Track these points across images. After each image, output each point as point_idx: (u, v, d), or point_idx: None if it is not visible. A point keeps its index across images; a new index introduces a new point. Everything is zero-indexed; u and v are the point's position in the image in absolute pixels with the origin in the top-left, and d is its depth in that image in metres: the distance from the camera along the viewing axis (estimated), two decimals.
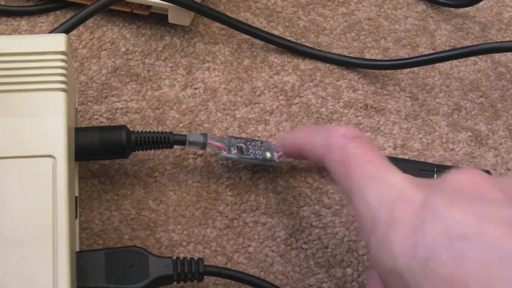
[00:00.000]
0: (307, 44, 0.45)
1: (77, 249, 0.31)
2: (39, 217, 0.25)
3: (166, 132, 0.36)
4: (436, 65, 0.45)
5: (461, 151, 0.40)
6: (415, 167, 0.37)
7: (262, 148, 0.37)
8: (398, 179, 0.23)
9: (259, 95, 0.42)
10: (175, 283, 0.31)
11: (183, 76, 0.42)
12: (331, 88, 0.43)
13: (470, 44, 0.46)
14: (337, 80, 0.43)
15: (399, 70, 0.44)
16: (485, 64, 0.46)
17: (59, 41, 0.30)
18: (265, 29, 0.45)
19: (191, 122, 0.40)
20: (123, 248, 0.30)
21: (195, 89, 0.41)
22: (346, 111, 0.41)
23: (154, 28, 0.45)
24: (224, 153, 0.36)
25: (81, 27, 0.44)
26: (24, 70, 0.29)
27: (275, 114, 0.41)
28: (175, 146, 0.36)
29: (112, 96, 0.40)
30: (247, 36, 0.45)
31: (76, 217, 0.31)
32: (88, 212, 0.35)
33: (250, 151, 0.36)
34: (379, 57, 0.45)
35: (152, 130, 0.38)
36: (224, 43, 0.45)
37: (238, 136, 0.39)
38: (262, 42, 0.45)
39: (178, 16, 0.43)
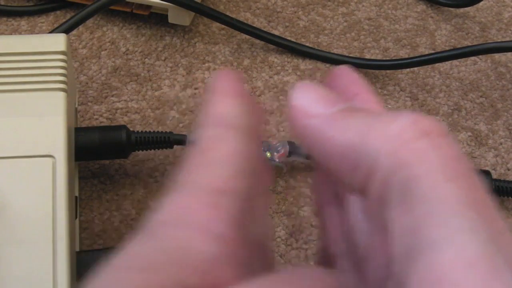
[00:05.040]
0: (307, 44, 0.45)
1: (77, 249, 0.31)
2: (38, 217, 0.25)
3: (166, 132, 0.36)
4: (436, 65, 0.45)
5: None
6: None
7: (262, 148, 0.37)
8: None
9: (259, 95, 0.42)
10: None
11: (183, 76, 0.42)
12: None
13: (470, 44, 0.46)
14: None
15: (399, 70, 0.44)
16: (485, 64, 0.46)
17: (59, 41, 0.30)
18: (265, 29, 0.45)
19: (191, 122, 0.39)
20: None
21: (195, 89, 0.41)
22: None
23: (154, 28, 0.45)
24: None
25: (81, 27, 0.44)
26: (24, 70, 0.29)
27: (275, 114, 0.41)
28: (175, 146, 0.36)
29: (112, 96, 0.40)
30: (247, 36, 0.45)
31: (76, 217, 0.31)
32: (88, 212, 0.35)
33: None
34: (379, 57, 0.45)
35: (152, 130, 0.38)
36: (224, 43, 0.45)
37: None
38: (262, 42, 0.45)
39: (178, 16, 0.43)
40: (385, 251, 0.20)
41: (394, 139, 0.17)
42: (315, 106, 0.19)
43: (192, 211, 0.16)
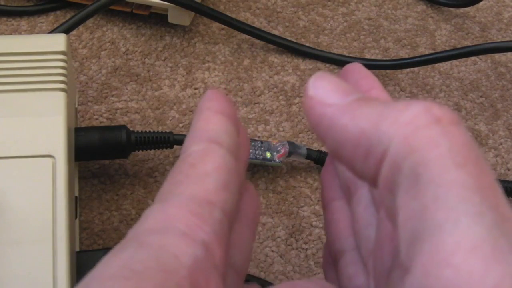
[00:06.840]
0: (307, 44, 0.45)
1: (77, 249, 0.31)
2: (38, 217, 0.25)
3: (166, 132, 0.36)
4: (436, 65, 0.45)
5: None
6: None
7: (262, 148, 0.37)
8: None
9: (259, 95, 0.42)
10: None
11: (183, 76, 0.42)
12: None
13: (470, 44, 0.46)
14: None
15: (399, 70, 0.44)
16: (485, 64, 0.46)
17: (59, 41, 0.30)
18: (265, 29, 0.45)
19: (191, 122, 0.39)
20: None
21: (195, 89, 0.41)
22: None
23: (154, 28, 0.45)
24: None
25: (81, 27, 0.44)
26: (24, 70, 0.29)
27: (275, 114, 0.41)
28: (175, 146, 0.36)
29: (112, 96, 0.40)
30: (247, 36, 0.45)
31: (76, 217, 0.31)
32: (88, 212, 0.35)
33: (250, 151, 0.36)
34: (379, 57, 0.45)
35: (152, 130, 0.38)
36: (224, 43, 0.45)
37: None
38: (262, 42, 0.45)
39: (178, 16, 0.43)
40: (391, 241, 0.20)
41: (406, 126, 0.17)
42: (331, 96, 0.19)
43: (178, 219, 0.16)
